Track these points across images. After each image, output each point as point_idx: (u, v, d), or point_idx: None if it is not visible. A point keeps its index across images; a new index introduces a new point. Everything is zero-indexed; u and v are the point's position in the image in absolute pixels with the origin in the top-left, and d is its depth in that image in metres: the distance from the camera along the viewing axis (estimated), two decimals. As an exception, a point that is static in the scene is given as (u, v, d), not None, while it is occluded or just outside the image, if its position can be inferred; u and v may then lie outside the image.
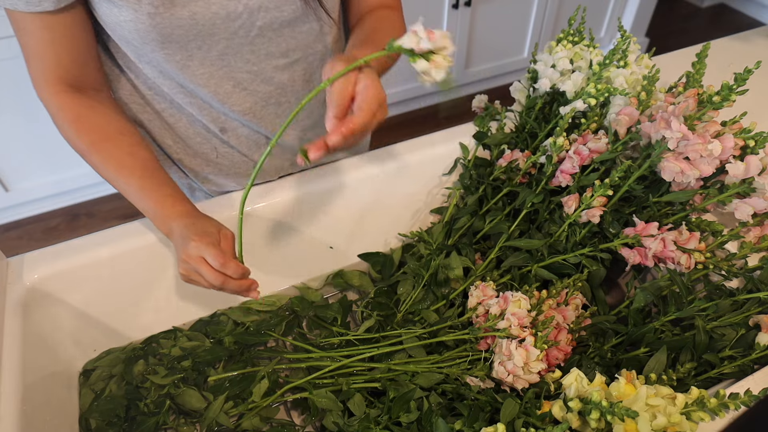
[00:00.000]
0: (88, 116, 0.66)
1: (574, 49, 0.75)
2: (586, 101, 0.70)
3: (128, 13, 0.59)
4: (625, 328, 0.67)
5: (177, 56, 0.65)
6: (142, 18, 0.59)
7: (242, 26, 0.65)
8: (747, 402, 0.47)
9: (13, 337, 0.63)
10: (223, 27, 0.64)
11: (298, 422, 0.69)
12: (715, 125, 0.62)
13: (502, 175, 0.77)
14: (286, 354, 0.72)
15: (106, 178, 0.67)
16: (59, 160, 1.88)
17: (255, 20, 0.65)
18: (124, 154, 0.66)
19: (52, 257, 0.70)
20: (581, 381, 0.52)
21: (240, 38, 0.66)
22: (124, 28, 0.61)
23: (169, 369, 0.71)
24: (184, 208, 0.65)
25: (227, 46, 0.66)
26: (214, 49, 0.66)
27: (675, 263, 0.63)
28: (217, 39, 0.65)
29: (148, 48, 0.64)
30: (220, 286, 0.60)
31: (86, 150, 0.66)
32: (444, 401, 0.65)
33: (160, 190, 0.66)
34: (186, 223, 0.63)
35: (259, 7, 0.64)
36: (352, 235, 0.85)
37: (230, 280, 0.60)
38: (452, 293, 0.75)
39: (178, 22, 0.61)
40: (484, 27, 2.30)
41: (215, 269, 0.59)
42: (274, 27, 0.67)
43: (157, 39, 0.62)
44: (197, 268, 0.59)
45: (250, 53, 0.69)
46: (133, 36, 0.62)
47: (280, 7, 0.65)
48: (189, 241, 0.60)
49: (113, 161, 0.66)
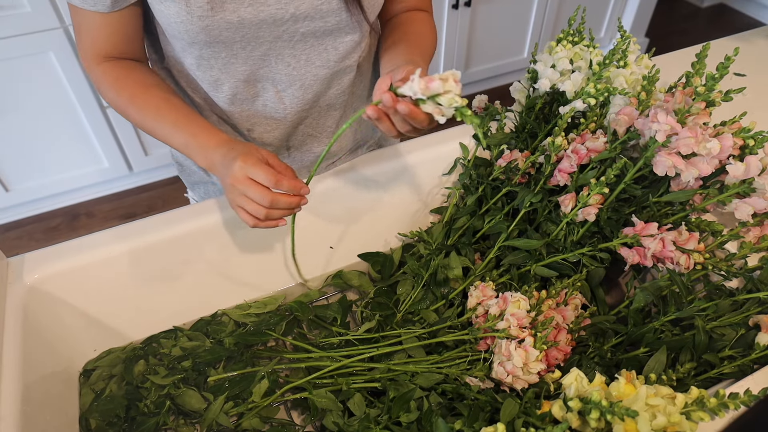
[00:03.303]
0: (127, 75, 0.69)
1: (574, 49, 0.75)
2: (586, 101, 0.70)
3: (180, 15, 0.62)
4: (624, 328, 0.67)
5: (222, 54, 0.67)
6: (192, 20, 0.62)
7: (286, 31, 0.67)
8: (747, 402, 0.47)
9: (13, 337, 0.63)
10: (269, 31, 0.66)
11: (298, 422, 0.69)
12: (704, 116, 0.62)
13: (502, 175, 0.77)
14: (286, 354, 0.72)
15: (144, 128, 0.69)
16: (59, 160, 1.88)
17: (299, 27, 0.67)
18: (160, 100, 0.68)
19: (52, 257, 0.70)
20: (581, 381, 0.52)
21: (283, 42, 0.68)
22: (175, 28, 0.64)
23: (170, 369, 0.71)
24: (221, 138, 0.65)
25: (270, 48, 0.68)
26: (258, 50, 0.68)
27: (674, 263, 0.63)
28: (261, 41, 0.67)
29: (195, 46, 0.66)
30: (269, 205, 0.57)
31: (126, 104, 0.68)
32: (444, 401, 0.66)
33: (196, 123, 0.66)
34: (226, 149, 0.62)
35: (306, 15, 0.66)
36: (352, 235, 0.85)
37: (280, 197, 0.58)
38: (452, 293, 0.75)
39: (226, 25, 0.63)
40: (484, 27, 2.30)
41: (264, 187, 0.57)
42: (317, 35, 0.69)
43: (205, 39, 0.65)
44: (245, 189, 0.57)
45: (291, 57, 0.70)
46: (182, 35, 0.64)
47: (325, 17, 0.67)
48: (234, 162, 0.58)
49: (150, 109, 0.67)
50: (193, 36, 0.64)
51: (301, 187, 0.59)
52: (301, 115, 0.77)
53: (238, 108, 0.75)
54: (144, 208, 2.07)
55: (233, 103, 0.74)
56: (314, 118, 0.79)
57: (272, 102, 0.74)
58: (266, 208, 0.58)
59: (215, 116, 0.78)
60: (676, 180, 0.67)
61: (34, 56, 1.62)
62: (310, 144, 0.82)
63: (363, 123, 0.89)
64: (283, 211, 0.60)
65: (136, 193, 2.12)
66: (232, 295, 0.80)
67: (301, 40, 0.69)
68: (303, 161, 0.84)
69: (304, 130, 0.80)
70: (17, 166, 1.84)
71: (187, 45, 0.66)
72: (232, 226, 0.77)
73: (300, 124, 0.79)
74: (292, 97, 0.74)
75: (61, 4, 1.57)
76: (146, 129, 0.69)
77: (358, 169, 0.83)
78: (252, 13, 0.63)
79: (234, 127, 0.79)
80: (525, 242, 0.73)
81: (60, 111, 1.76)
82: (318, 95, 0.76)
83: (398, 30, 0.76)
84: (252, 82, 0.72)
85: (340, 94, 0.78)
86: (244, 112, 0.75)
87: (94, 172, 1.98)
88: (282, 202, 0.58)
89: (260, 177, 0.57)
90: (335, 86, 0.77)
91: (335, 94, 0.78)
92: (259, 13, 0.64)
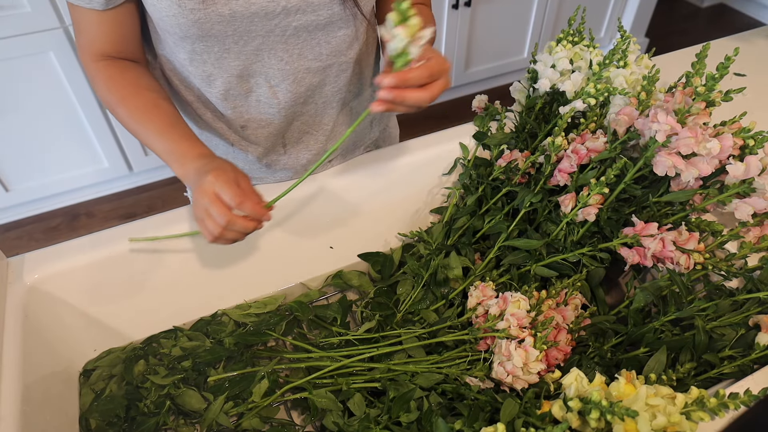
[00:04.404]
0: (121, 75, 0.69)
1: (573, 49, 0.75)
2: (586, 101, 0.70)
3: (172, 8, 0.62)
4: (624, 328, 0.67)
5: (215, 48, 0.68)
6: (184, 13, 0.62)
7: (278, 25, 0.67)
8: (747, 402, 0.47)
9: (14, 337, 0.63)
10: (261, 24, 0.66)
11: (298, 422, 0.69)
12: (704, 116, 0.62)
13: (502, 175, 0.77)
14: (286, 354, 0.72)
15: (130, 130, 0.69)
16: (59, 160, 1.88)
17: (291, 21, 0.67)
18: (150, 105, 0.68)
19: (52, 257, 0.70)
20: (581, 381, 0.52)
21: (276, 36, 0.68)
22: (167, 22, 0.64)
23: (170, 369, 0.71)
24: (202, 151, 0.65)
25: (262, 42, 0.68)
26: (250, 45, 0.68)
27: (674, 263, 0.63)
28: (253, 35, 0.67)
29: (188, 40, 0.66)
30: (225, 225, 0.58)
31: (116, 103, 0.69)
32: (444, 401, 0.66)
33: (179, 131, 0.67)
34: (204, 162, 0.62)
35: (297, 8, 0.66)
36: (352, 235, 0.85)
37: (237, 220, 0.58)
38: (452, 293, 0.75)
39: (218, 18, 0.64)
40: (484, 27, 2.30)
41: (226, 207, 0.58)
42: (309, 29, 0.69)
43: (197, 33, 0.65)
44: (209, 205, 0.58)
45: (283, 51, 0.70)
46: (174, 29, 0.65)
47: (317, 11, 0.67)
48: (206, 175, 0.59)
49: (138, 112, 0.68)
50: (185, 30, 0.64)
51: (263, 213, 0.60)
52: (294, 110, 0.77)
53: (232, 104, 0.75)
54: (144, 208, 2.07)
55: (226, 99, 0.74)
56: (310, 115, 0.79)
57: (265, 97, 0.74)
58: (222, 228, 0.59)
59: (209, 113, 0.78)
60: (676, 180, 0.67)
61: (34, 56, 1.62)
62: (307, 141, 0.82)
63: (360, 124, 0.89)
64: (236, 233, 0.60)
65: (136, 193, 2.12)
66: (232, 295, 0.80)
67: (294, 34, 0.69)
68: (299, 158, 0.84)
69: (300, 127, 0.80)
70: (17, 166, 1.84)
71: (179, 39, 0.67)
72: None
73: (295, 120, 0.79)
74: (285, 92, 0.74)
75: (61, 4, 1.57)
76: (131, 130, 0.69)
77: (358, 169, 0.83)
78: (243, 5, 0.63)
79: (228, 124, 0.79)
80: (525, 242, 0.73)
81: (60, 111, 1.76)
82: (311, 90, 0.76)
83: None
84: (245, 77, 0.72)
85: (336, 91, 0.78)
86: (237, 108, 0.75)
87: (94, 172, 1.98)
88: (238, 224, 0.59)
89: (226, 195, 0.58)
90: (331, 83, 0.77)
91: (332, 92, 0.78)
92: (251, 6, 0.64)
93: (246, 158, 0.83)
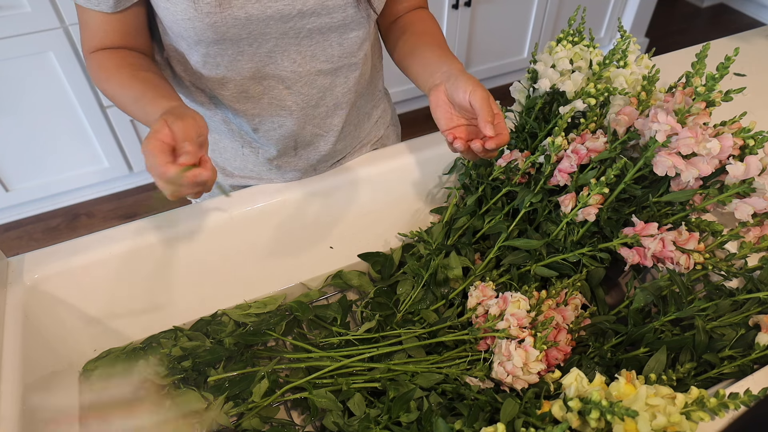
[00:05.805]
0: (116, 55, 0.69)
1: (574, 49, 0.75)
2: (586, 101, 0.70)
3: (187, 12, 0.62)
4: (624, 328, 0.67)
5: (228, 51, 0.67)
6: (200, 17, 0.62)
7: (293, 27, 0.67)
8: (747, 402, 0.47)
9: (14, 336, 0.63)
10: (275, 27, 0.66)
11: (298, 422, 0.69)
12: (704, 117, 0.62)
13: (502, 175, 0.77)
14: (286, 354, 0.72)
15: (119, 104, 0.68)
16: (59, 160, 1.88)
17: (306, 23, 0.67)
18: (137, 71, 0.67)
19: (52, 257, 0.70)
20: (581, 381, 0.52)
21: (290, 38, 0.69)
22: (181, 26, 0.64)
23: (170, 369, 0.71)
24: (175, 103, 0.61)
25: (276, 45, 0.69)
26: (264, 47, 0.68)
27: (674, 263, 0.63)
28: (268, 38, 0.67)
29: (202, 44, 0.66)
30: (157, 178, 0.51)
31: (105, 80, 0.68)
32: (444, 401, 0.66)
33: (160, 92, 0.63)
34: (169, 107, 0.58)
35: (312, 11, 0.66)
36: (352, 235, 0.85)
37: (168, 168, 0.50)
38: (452, 293, 0.75)
39: (233, 21, 0.64)
40: (484, 27, 2.30)
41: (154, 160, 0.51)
42: (323, 31, 0.69)
43: (212, 37, 0.65)
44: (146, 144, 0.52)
45: (296, 53, 0.70)
46: (189, 33, 0.65)
47: (332, 13, 0.68)
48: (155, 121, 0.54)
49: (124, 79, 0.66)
50: (200, 33, 0.64)
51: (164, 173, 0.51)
52: (307, 112, 0.77)
53: (244, 106, 0.75)
54: (144, 208, 2.07)
55: (239, 101, 0.74)
56: (321, 117, 0.79)
57: (278, 99, 0.75)
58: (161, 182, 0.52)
59: (221, 114, 0.78)
60: (676, 180, 0.67)
61: (34, 56, 1.62)
62: (317, 143, 0.82)
63: (367, 121, 0.89)
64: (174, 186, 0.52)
65: (136, 193, 2.12)
66: (232, 295, 0.80)
67: (307, 36, 0.69)
68: (310, 160, 0.84)
69: (312, 130, 0.80)
70: (17, 166, 1.84)
71: (193, 43, 0.66)
72: (232, 226, 0.77)
73: (307, 123, 0.79)
74: (297, 94, 0.74)
75: (61, 4, 1.57)
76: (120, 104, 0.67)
77: (358, 169, 0.83)
78: (259, 9, 0.63)
79: (240, 126, 0.79)
80: (525, 242, 0.73)
81: (60, 111, 1.76)
82: (323, 92, 0.76)
83: (412, 32, 0.77)
84: (258, 80, 0.72)
85: (346, 92, 0.78)
86: (249, 110, 0.75)
87: (94, 172, 1.98)
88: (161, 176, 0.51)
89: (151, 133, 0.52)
90: (341, 84, 0.77)
91: (342, 92, 0.78)
92: (267, 9, 0.64)
93: (257, 160, 0.83)
